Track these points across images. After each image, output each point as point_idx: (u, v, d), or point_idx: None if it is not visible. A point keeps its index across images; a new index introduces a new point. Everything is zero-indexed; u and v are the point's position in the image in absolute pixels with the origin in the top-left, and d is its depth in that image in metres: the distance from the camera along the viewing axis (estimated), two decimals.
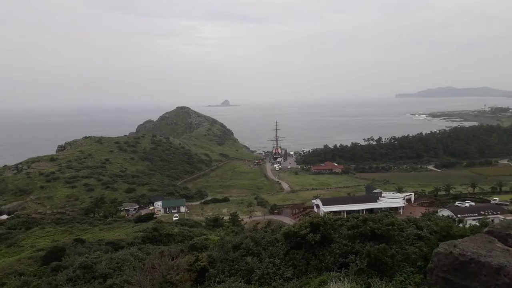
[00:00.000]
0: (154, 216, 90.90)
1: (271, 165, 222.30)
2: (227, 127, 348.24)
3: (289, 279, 15.87)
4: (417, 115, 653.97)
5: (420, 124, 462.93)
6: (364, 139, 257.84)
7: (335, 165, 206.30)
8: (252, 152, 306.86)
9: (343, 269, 14.22)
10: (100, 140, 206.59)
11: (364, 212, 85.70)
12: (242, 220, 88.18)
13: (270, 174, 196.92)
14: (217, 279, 16.92)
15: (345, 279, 12.16)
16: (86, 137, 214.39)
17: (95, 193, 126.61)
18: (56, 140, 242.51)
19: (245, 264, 17.61)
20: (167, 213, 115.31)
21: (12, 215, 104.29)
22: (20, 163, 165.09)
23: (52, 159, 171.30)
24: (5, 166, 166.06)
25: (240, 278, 16.12)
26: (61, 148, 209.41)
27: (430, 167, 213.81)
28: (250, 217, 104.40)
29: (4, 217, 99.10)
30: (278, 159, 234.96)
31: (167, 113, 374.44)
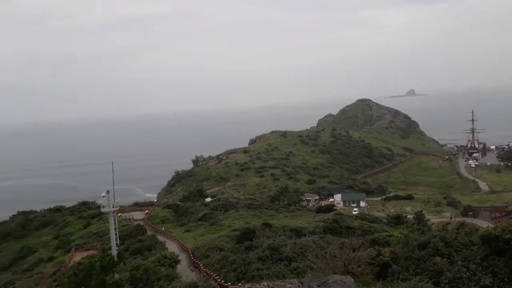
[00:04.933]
0: (334, 208, 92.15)
1: (465, 161, 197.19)
2: (412, 119, 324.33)
3: (487, 287, 13.92)
4: None
5: None
6: None
7: None
8: (442, 146, 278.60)
9: None
10: (284, 134, 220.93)
11: None
12: (429, 220, 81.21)
13: (463, 171, 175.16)
14: (401, 276, 16.12)
15: None
16: (273, 131, 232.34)
17: (280, 183, 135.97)
18: (248, 134, 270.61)
19: (433, 264, 16.26)
20: (346, 206, 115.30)
21: (214, 198, 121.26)
22: (221, 154, 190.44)
23: (245, 151, 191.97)
24: (209, 156, 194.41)
25: (427, 279, 14.98)
26: (252, 142, 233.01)
27: None
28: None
29: (209, 199, 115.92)
30: (474, 155, 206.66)
31: (347, 106, 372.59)
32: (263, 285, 11.63)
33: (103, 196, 33.07)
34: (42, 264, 58.00)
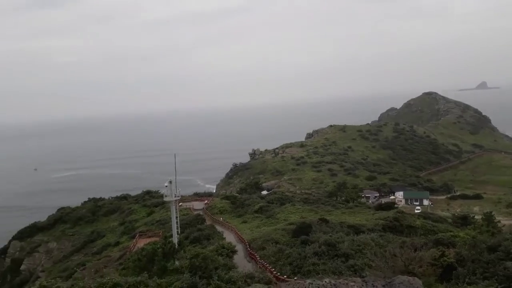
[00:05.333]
0: (395, 205, 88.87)
1: None
2: (483, 114, 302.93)
3: None
4: None
5: None
6: None
7: None
8: None
9: None
10: (343, 129, 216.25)
11: None
12: (499, 221, 75.60)
13: None
14: (466, 279, 15.20)
15: None
16: (331, 126, 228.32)
17: (338, 178, 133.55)
18: (305, 128, 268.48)
19: (504, 269, 15.13)
20: (408, 204, 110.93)
21: (270, 191, 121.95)
22: (277, 148, 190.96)
23: (301, 145, 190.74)
24: (266, 150, 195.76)
25: (497, 284, 13.97)
26: (309, 136, 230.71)
27: None
28: None
29: (265, 192, 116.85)
30: None
31: (411, 100, 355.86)
32: (325, 281, 11.50)
33: (166, 186, 34.48)
34: (110, 248, 61.92)
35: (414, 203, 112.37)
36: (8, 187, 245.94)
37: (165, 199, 35.78)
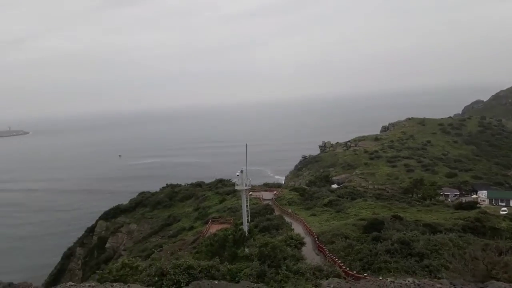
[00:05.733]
0: (477, 205, 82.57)
1: None
2: None
3: None
4: None
5: None
6: None
7: None
8: None
9: None
10: (422, 122, 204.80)
11: None
12: None
13: None
14: None
15: None
16: (409, 119, 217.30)
17: (415, 174, 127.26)
18: (380, 121, 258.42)
19: None
20: (492, 205, 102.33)
21: (341, 185, 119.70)
22: (349, 141, 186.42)
23: (376, 138, 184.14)
24: (337, 143, 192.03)
25: None
26: (384, 129, 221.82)
27: None
28: None
29: (335, 186, 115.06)
30: None
31: (501, 91, 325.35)
32: (408, 281, 11.15)
33: (237, 175, 35.34)
34: (184, 232, 65.19)
35: (500, 203, 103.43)
36: (96, 171, 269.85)
37: (237, 187, 36.69)
